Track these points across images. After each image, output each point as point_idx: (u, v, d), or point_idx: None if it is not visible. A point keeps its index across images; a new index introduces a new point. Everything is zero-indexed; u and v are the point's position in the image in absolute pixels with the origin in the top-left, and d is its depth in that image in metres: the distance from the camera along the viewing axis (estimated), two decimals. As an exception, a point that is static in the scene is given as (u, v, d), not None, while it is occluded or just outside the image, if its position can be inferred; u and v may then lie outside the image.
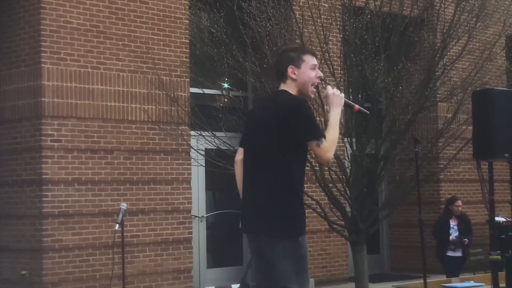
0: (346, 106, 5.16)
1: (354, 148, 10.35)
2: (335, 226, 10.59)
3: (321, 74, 5.17)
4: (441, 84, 11.24)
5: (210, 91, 12.09)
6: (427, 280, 9.15)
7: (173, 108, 11.34)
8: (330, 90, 5.11)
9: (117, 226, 8.42)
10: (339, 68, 11.00)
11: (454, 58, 10.91)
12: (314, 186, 11.09)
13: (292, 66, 5.05)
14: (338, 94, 5.09)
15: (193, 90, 11.98)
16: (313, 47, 10.39)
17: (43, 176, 10.53)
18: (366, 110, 5.43)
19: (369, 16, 10.26)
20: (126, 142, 11.27)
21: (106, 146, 11.09)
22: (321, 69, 5.37)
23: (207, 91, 11.89)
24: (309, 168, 9.53)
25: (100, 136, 11.04)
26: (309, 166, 9.50)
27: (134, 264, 11.13)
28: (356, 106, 5.28)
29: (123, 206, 8.63)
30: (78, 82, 10.88)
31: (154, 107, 11.49)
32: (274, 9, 10.14)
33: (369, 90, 10.44)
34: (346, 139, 10.35)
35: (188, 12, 12.05)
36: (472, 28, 10.80)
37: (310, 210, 9.97)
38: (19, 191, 10.80)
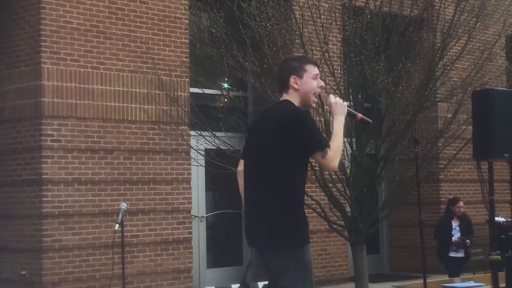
0: (349, 114, 5.16)
1: (354, 148, 10.35)
2: (335, 226, 10.59)
3: (323, 84, 5.17)
4: (441, 84, 11.24)
5: (210, 91, 12.08)
6: (427, 280, 9.14)
7: (173, 108, 11.33)
8: (333, 99, 5.11)
9: (117, 226, 8.41)
10: (339, 68, 11.00)
11: (454, 58, 10.91)
12: (314, 186, 11.08)
13: (294, 76, 5.04)
14: (341, 103, 5.09)
15: (193, 90, 11.98)
16: (313, 47, 10.41)
17: (43, 176, 10.52)
18: (368, 119, 5.43)
19: (369, 16, 10.26)
20: (126, 142, 11.26)
21: (106, 146, 11.08)
22: (321, 69, 5.35)
23: (207, 91, 11.88)
24: (309, 168, 9.49)
25: (100, 136, 11.03)
26: (309, 166, 9.47)
27: (134, 264, 11.13)
28: (359, 115, 5.28)
29: (123, 206, 8.63)
30: (78, 82, 10.88)
31: (154, 107, 11.49)
32: (274, 9, 10.14)
33: (369, 90, 10.44)
34: (346, 139, 10.34)
35: (188, 12, 12.05)
36: (472, 28, 10.80)
37: (310, 210, 9.96)
38: (19, 191, 10.79)
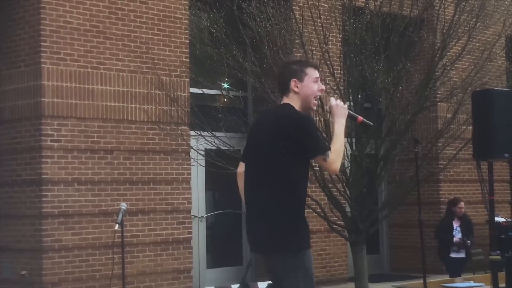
0: (350, 117, 5.16)
1: (354, 148, 10.35)
2: (335, 226, 10.59)
3: (323, 87, 5.17)
4: (441, 84, 11.24)
5: (210, 91, 12.08)
6: (427, 280, 9.14)
7: (173, 108, 11.33)
8: (334, 101, 5.11)
9: (117, 226, 8.41)
10: (339, 68, 10.99)
11: (454, 58, 10.91)
12: (314, 186, 11.06)
13: (295, 79, 5.03)
14: (342, 105, 5.09)
15: (193, 90, 11.98)
16: (313, 47, 10.41)
17: (43, 176, 10.52)
18: (369, 122, 5.43)
19: (369, 16, 10.26)
20: (126, 142, 11.26)
21: (105, 146, 11.09)
22: (321, 69, 5.35)
23: (207, 91, 11.88)
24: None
25: (100, 136, 11.03)
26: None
27: (134, 264, 11.13)
28: (359, 118, 5.28)
29: (123, 206, 8.62)
30: (78, 82, 10.88)
31: (154, 107, 11.49)
32: (274, 9, 10.14)
33: (369, 90, 10.43)
34: (346, 140, 10.33)
35: (188, 12, 12.05)
36: (472, 28, 10.80)
37: (310, 210, 9.97)
38: (19, 191, 10.80)
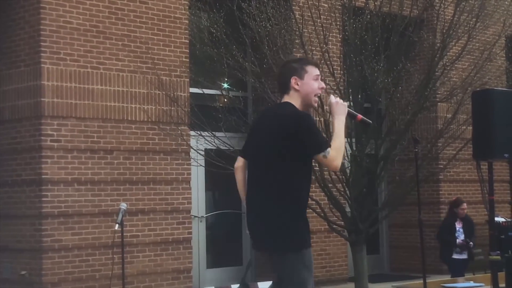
0: (349, 115, 5.17)
1: (354, 148, 10.35)
2: (335, 226, 10.59)
3: (323, 85, 5.18)
4: (440, 84, 11.24)
5: (210, 91, 12.08)
6: (427, 280, 9.15)
7: (172, 108, 11.33)
8: (333, 98, 5.12)
9: (116, 226, 8.41)
10: (339, 68, 10.99)
11: (454, 58, 10.91)
12: (314, 186, 11.00)
13: (295, 77, 5.05)
14: (342, 103, 5.11)
15: (192, 90, 11.98)
16: (313, 47, 10.41)
17: (43, 176, 10.52)
18: (368, 120, 5.43)
19: (369, 16, 10.26)
20: (126, 142, 11.26)
21: (105, 146, 11.08)
22: (321, 69, 5.36)
23: (207, 91, 11.87)
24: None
25: (99, 136, 11.03)
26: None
27: (134, 264, 11.13)
28: (359, 116, 5.29)
29: (123, 206, 8.63)
30: (78, 82, 10.88)
31: (154, 107, 11.49)
32: (274, 9, 10.14)
33: (369, 90, 10.43)
34: (346, 140, 10.33)
35: (188, 12, 12.05)
36: (472, 28, 10.80)
37: (310, 210, 9.96)
38: (19, 191, 10.79)
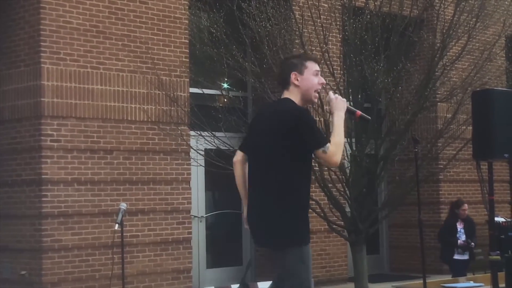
0: (348, 111, 5.17)
1: (354, 148, 10.35)
2: (335, 226, 10.59)
3: (323, 80, 5.19)
4: (440, 84, 11.24)
5: (210, 91, 12.07)
6: (427, 280, 9.14)
7: (172, 108, 11.33)
8: (333, 95, 5.14)
9: (116, 226, 8.41)
10: (339, 68, 10.99)
11: (454, 58, 10.92)
12: (313, 186, 11.03)
13: (295, 72, 5.08)
14: (341, 99, 5.13)
15: (192, 90, 11.97)
16: (312, 47, 10.41)
17: (43, 176, 10.52)
18: (367, 116, 5.44)
19: (368, 16, 10.26)
20: (126, 142, 11.26)
21: (105, 146, 11.08)
22: (320, 69, 5.37)
23: (207, 91, 11.87)
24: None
25: (99, 136, 11.03)
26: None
27: (134, 264, 11.12)
28: (358, 112, 5.30)
29: (123, 206, 8.62)
30: (78, 82, 10.87)
31: (154, 107, 11.49)
32: (274, 9, 10.14)
33: (368, 90, 10.44)
34: (345, 139, 10.33)
35: (187, 12, 12.04)
36: (472, 28, 10.80)
37: (310, 210, 9.94)
38: (19, 191, 10.79)
